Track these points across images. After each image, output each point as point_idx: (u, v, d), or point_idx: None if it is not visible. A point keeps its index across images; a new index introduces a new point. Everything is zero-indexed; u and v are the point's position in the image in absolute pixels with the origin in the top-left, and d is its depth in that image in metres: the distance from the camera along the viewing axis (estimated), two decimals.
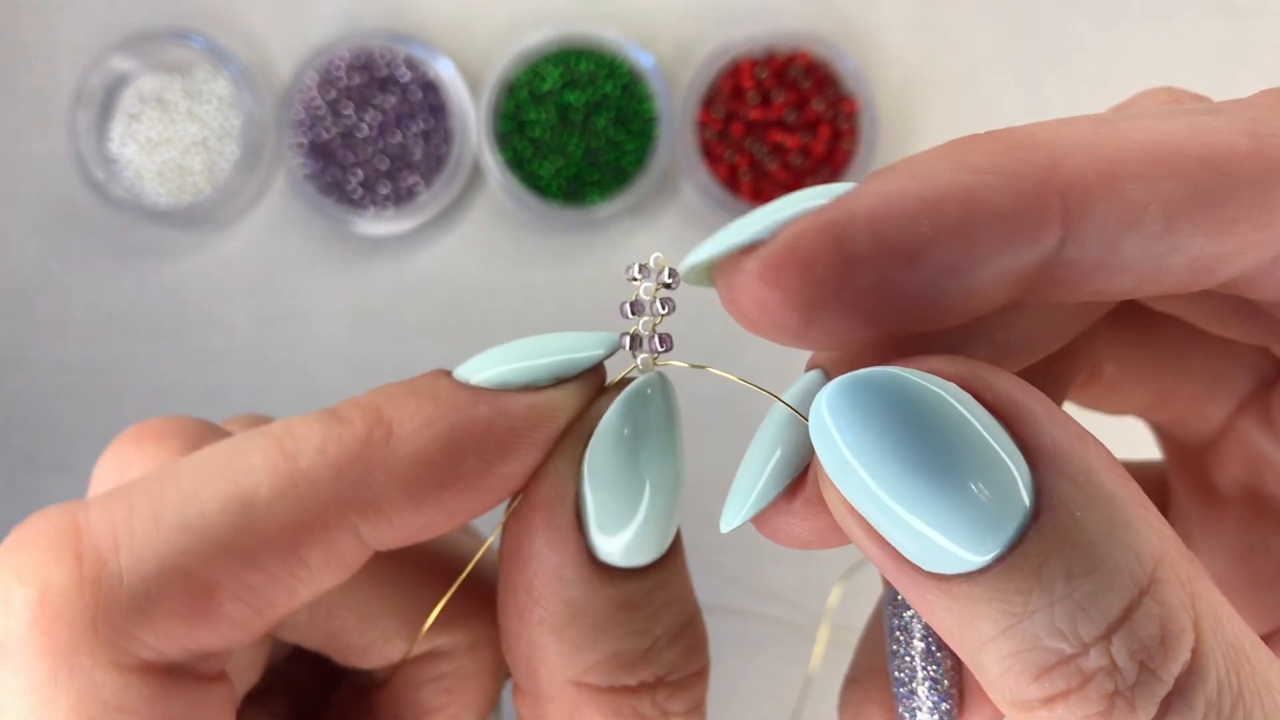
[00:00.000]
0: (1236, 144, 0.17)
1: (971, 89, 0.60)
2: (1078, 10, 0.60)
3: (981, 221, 0.17)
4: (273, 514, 0.19)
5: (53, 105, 0.60)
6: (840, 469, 0.16)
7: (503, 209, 0.60)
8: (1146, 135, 0.17)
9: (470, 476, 0.19)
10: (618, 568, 0.20)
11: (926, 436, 0.16)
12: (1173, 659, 0.15)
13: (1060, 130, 0.17)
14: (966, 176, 0.17)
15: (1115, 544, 0.15)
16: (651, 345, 0.20)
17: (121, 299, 0.60)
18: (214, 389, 0.59)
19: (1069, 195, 0.17)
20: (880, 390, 0.16)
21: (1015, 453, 0.16)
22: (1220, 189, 0.17)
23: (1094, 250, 0.17)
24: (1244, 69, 0.59)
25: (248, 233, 0.60)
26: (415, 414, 0.20)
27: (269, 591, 0.19)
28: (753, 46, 0.58)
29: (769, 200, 0.61)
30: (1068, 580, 0.15)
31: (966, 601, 0.16)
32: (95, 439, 0.61)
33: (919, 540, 0.16)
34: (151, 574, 0.18)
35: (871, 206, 0.17)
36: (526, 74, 0.59)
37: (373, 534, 0.19)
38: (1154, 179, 0.17)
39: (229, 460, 0.19)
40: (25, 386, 0.60)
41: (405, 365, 0.59)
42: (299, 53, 0.60)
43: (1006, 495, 0.16)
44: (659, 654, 0.20)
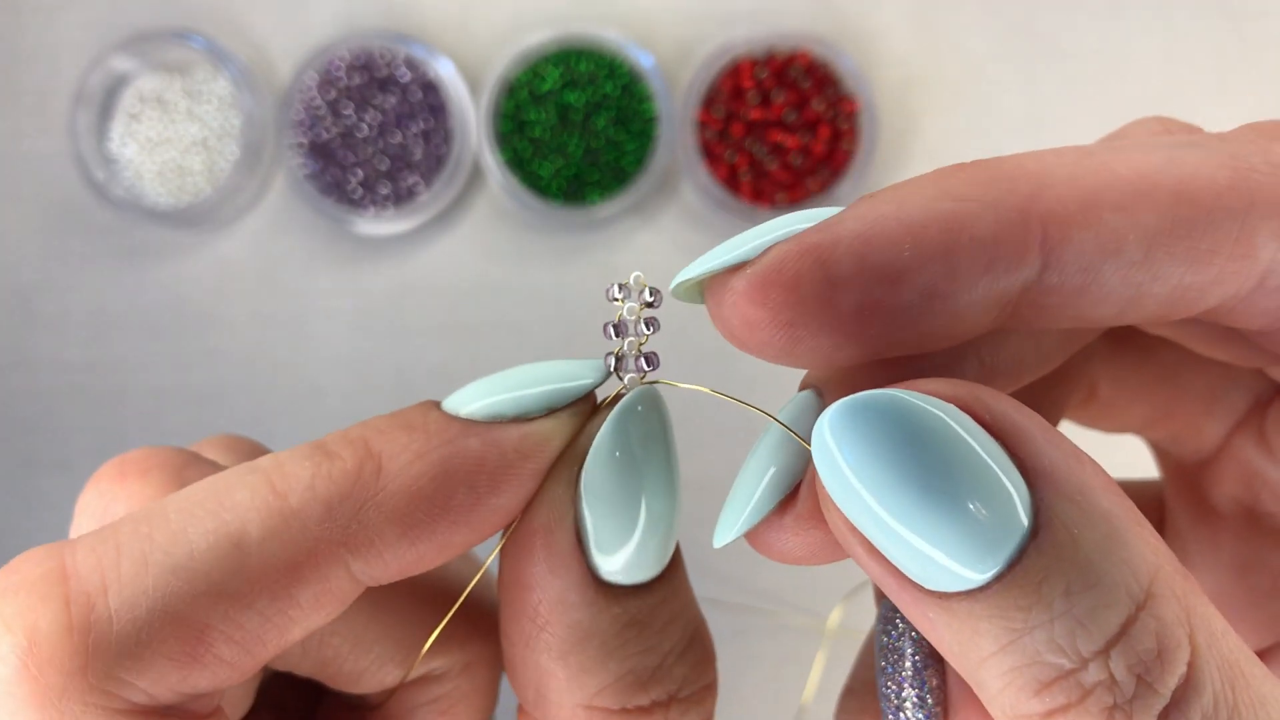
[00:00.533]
0: (1215, 177, 0.17)
1: (971, 89, 0.60)
2: (1078, 10, 0.60)
3: (963, 247, 0.17)
4: (263, 553, 0.18)
5: (53, 105, 0.60)
6: (842, 489, 0.17)
7: (503, 209, 0.60)
8: (1128, 167, 0.18)
9: (462, 509, 0.19)
10: (621, 586, 0.20)
11: (926, 457, 0.16)
12: (1169, 673, 0.16)
13: (1045, 160, 0.18)
14: (950, 203, 0.17)
15: (1112, 561, 0.16)
16: (638, 365, 0.20)
17: (122, 299, 0.60)
18: (214, 389, 0.59)
19: (1050, 223, 0.17)
20: (881, 412, 0.16)
21: (1013, 472, 0.16)
22: (1198, 220, 0.17)
23: (1074, 277, 0.17)
24: (1244, 69, 0.59)
25: (248, 233, 0.60)
26: (406, 448, 0.19)
27: (261, 631, 0.19)
28: (753, 47, 0.58)
29: (769, 200, 0.62)
30: (1066, 597, 0.16)
31: (967, 618, 0.16)
32: (95, 439, 0.61)
33: (919, 559, 0.16)
34: (141, 618, 0.18)
35: (856, 230, 0.17)
36: (527, 74, 0.59)
37: (365, 570, 0.19)
38: (1134, 210, 0.17)
39: (218, 498, 0.19)
40: (25, 386, 0.60)
41: (405, 365, 0.59)
42: (299, 53, 0.60)
43: (1005, 514, 0.16)
44: (669, 670, 0.20)
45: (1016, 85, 0.60)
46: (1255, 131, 0.18)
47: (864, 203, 0.18)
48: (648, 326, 0.20)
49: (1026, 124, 0.59)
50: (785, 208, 0.58)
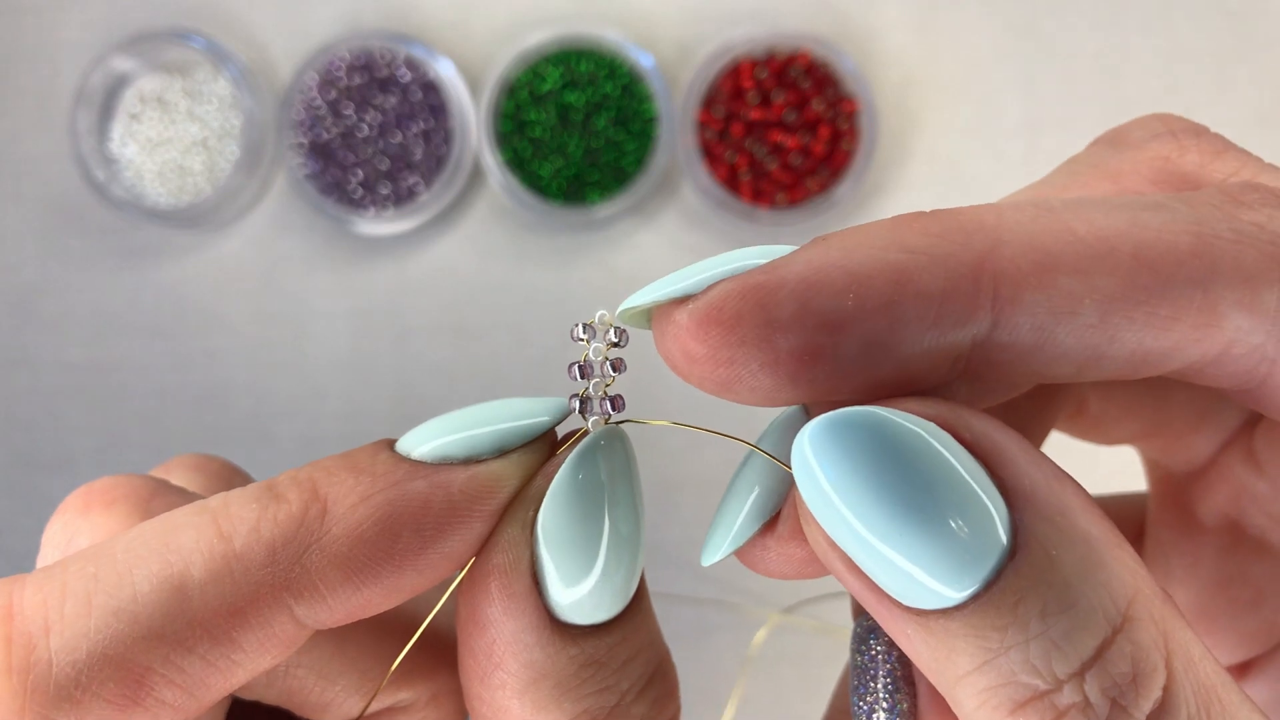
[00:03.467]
0: (1178, 243, 0.17)
1: (971, 89, 0.60)
2: (1078, 10, 0.60)
3: (909, 300, 0.17)
4: (205, 597, 0.18)
5: (53, 105, 0.60)
6: (822, 505, 0.17)
7: (503, 209, 0.60)
8: (1088, 227, 0.17)
9: (408, 554, 0.19)
10: (579, 626, 0.19)
11: (906, 474, 0.16)
12: (1144, 696, 0.16)
13: (1003, 215, 0.18)
14: (900, 255, 0.17)
15: (1090, 583, 0.16)
16: (602, 408, 0.20)
17: (122, 299, 0.60)
18: (214, 388, 0.59)
19: (1001, 282, 0.17)
20: (861, 428, 0.16)
21: (993, 491, 0.16)
22: (1157, 287, 0.17)
23: (1026, 336, 0.17)
24: (1243, 69, 0.59)
25: (248, 233, 0.60)
26: (351, 490, 0.19)
27: (203, 675, 0.19)
28: (753, 47, 0.58)
29: (769, 200, 0.61)
30: (1043, 618, 0.16)
31: (944, 636, 0.16)
32: (95, 438, 0.61)
33: (898, 575, 0.16)
34: (82, 660, 0.18)
35: (800, 275, 0.17)
36: (527, 74, 0.59)
37: (308, 614, 0.19)
38: (1090, 273, 0.17)
39: (163, 539, 0.19)
40: (26, 386, 0.60)
41: (405, 365, 0.59)
42: (299, 53, 0.60)
43: (984, 533, 0.16)
44: (627, 709, 0.20)
45: (1016, 85, 0.60)
46: (1222, 195, 0.18)
47: (814, 246, 0.18)
48: (614, 369, 0.20)
49: (1026, 124, 0.59)
50: (785, 208, 0.58)
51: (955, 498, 0.16)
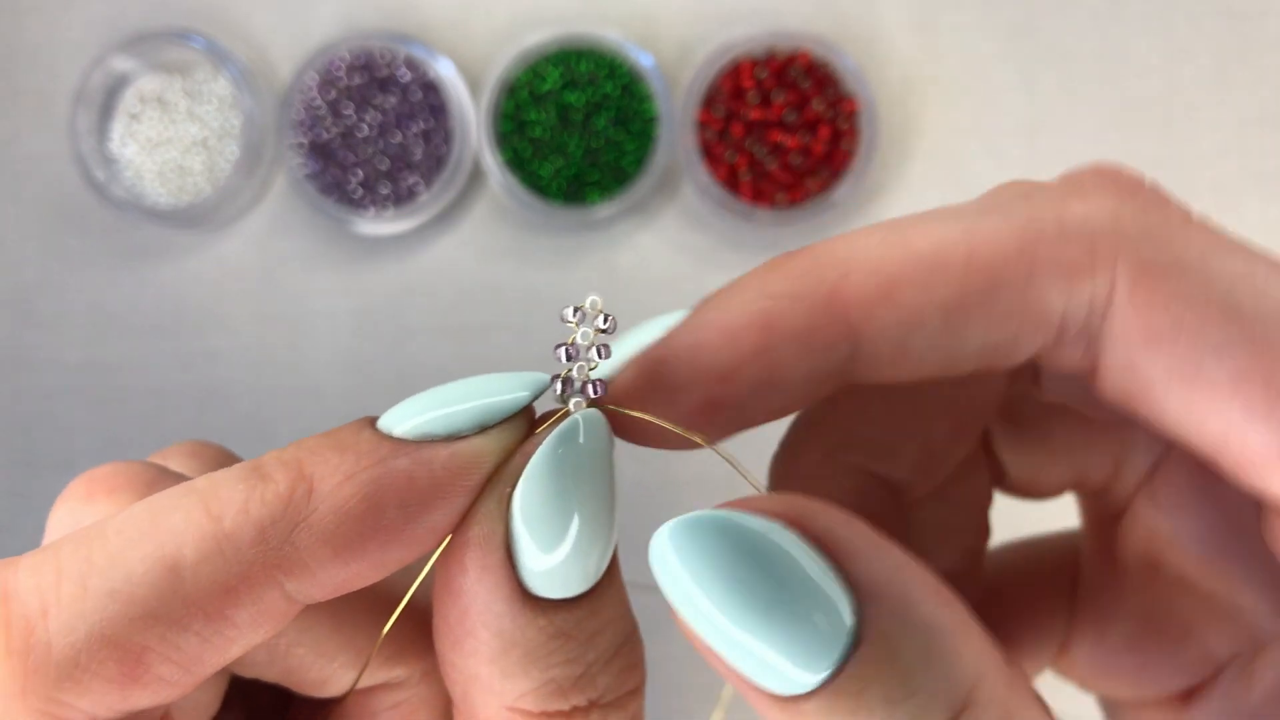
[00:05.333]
0: (1004, 245, 0.19)
1: (972, 89, 0.60)
2: (1078, 11, 0.60)
3: (779, 342, 0.19)
4: (198, 577, 0.19)
5: (53, 105, 0.60)
6: (680, 596, 0.18)
7: (503, 209, 0.60)
8: (927, 242, 0.19)
9: (394, 529, 0.20)
10: (550, 599, 0.20)
11: (754, 570, 0.18)
12: None
13: (854, 244, 0.19)
14: (765, 302, 0.19)
15: (931, 672, 0.17)
16: (584, 391, 0.21)
17: (122, 299, 0.60)
18: (214, 389, 0.59)
19: (853, 308, 0.19)
20: (712, 528, 0.18)
21: (837, 585, 0.18)
22: (987, 289, 0.19)
23: (885, 349, 0.19)
24: (1244, 70, 0.59)
25: (248, 233, 0.60)
26: (337, 469, 0.20)
27: (199, 652, 0.19)
28: (753, 46, 0.58)
29: (769, 200, 0.61)
30: (886, 705, 0.17)
31: None
32: (96, 438, 0.61)
33: (752, 663, 0.18)
34: (80, 641, 0.18)
35: (685, 342, 0.20)
36: (527, 74, 0.59)
37: (299, 590, 0.20)
38: (929, 286, 0.19)
39: (154, 521, 0.19)
40: (25, 386, 0.60)
41: (405, 365, 0.59)
42: (299, 53, 0.60)
43: (829, 624, 0.17)
44: (593, 679, 0.20)
45: (1017, 85, 0.60)
46: (1066, 185, 0.20)
47: (696, 311, 0.20)
48: (599, 353, 0.20)
49: (1026, 124, 0.59)
50: (785, 208, 0.58)
51: (801, 591, 0.17)
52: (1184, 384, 0.18)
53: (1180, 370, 0.18)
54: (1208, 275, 0.18)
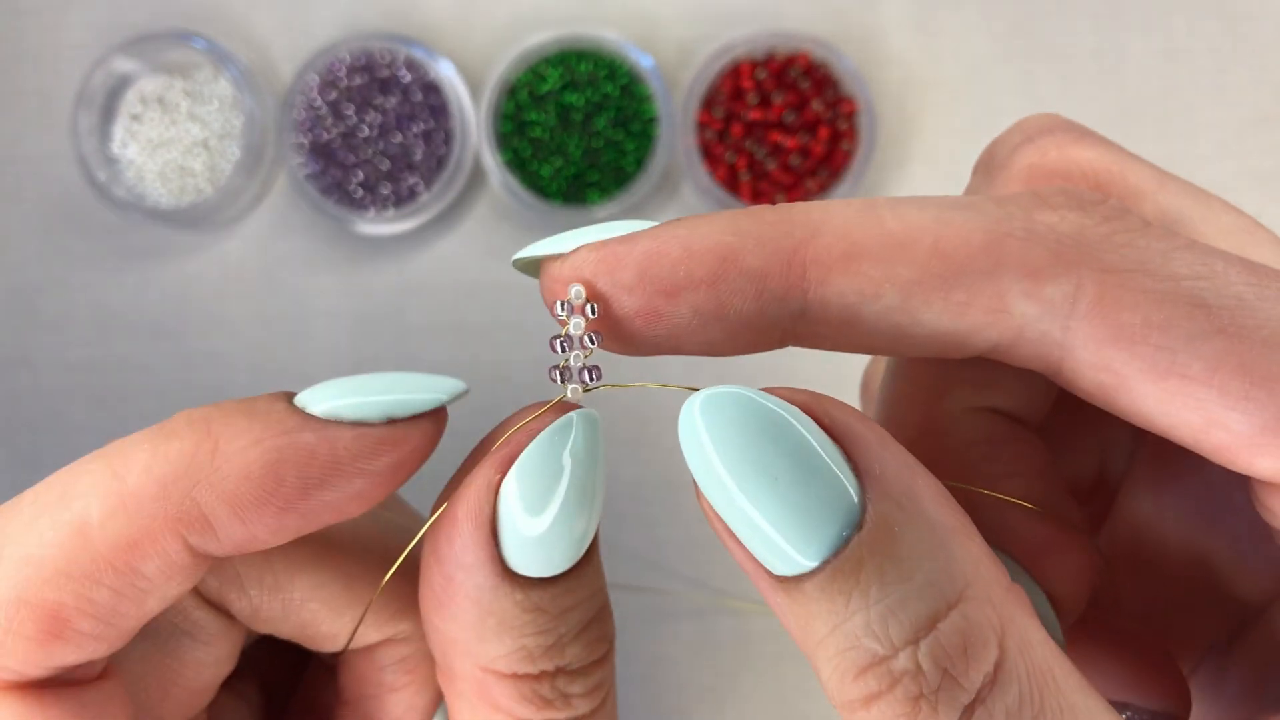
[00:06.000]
0: (971, 239, 0.19)
1: (970, 90, 0.60)
2: (1076, 11, 0.60)
3: (733, 275, 0.20)
4: (105, 534, 0.20)
5: (55, 106, 0.60)
6: (703, 466, 0.19)
7: (503, 210, 0.60)
8: (898, 222, 0.20)
9: (290, 497, 0.21)
10: (528, 577, 0.21)
11: (770, 445, 0.18)
12: (974, 668, 0.17)
13: (829, 210, 0.20)
14: (730, 237, 0.20)
15: (928, 561, 0.18)
16: (581, 378, 0.22)
17: (123, 299, 0.60)
18: (215, 389, 0.60)
19: (812, 267, 0.20)
20: (738, 402, 0.19)
21: (847, 470, 0.18)
22: (949, 276, 0.19)
23: (836, 315, 0.20)
24: (1242, 70, 0.60)
25: (249, 233, 0.60)
26: (244, 432, 0.21)
27: (115, 604, 0.21)
28: (752, 47, 0.58)
29: (769, 201, 0.62)
30: (882, 586, 0.17)
31: (803, 602, 0.18)
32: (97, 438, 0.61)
33: (763, 540, 0.18)
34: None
35: (645, 247, 0.20)
36: (527, 75, 0.59)
37: (201, 543, 0.21)
38: (891, 262, 0.19)
39: (64, 487, 0.21)
40: (27, 386, 0.60)
41: (406, 365, 0.59)
42: (300, 54, 0.60)
43: (835, 504, 0.18)
44: (562, 649, 0.22)
45: (1015, 86, 0.60)
46: (1032, 197, 0.20)
47: (666, 225, 0.21)
48: (592, 341, 0.21)
49: None
50: None
51: (810, 470, 0.18)
52: (1158, 377, 0.18)
53: (1153, 365, 0.18)
54: (1172, 273, 0.19)
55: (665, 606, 0.57)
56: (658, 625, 0.57)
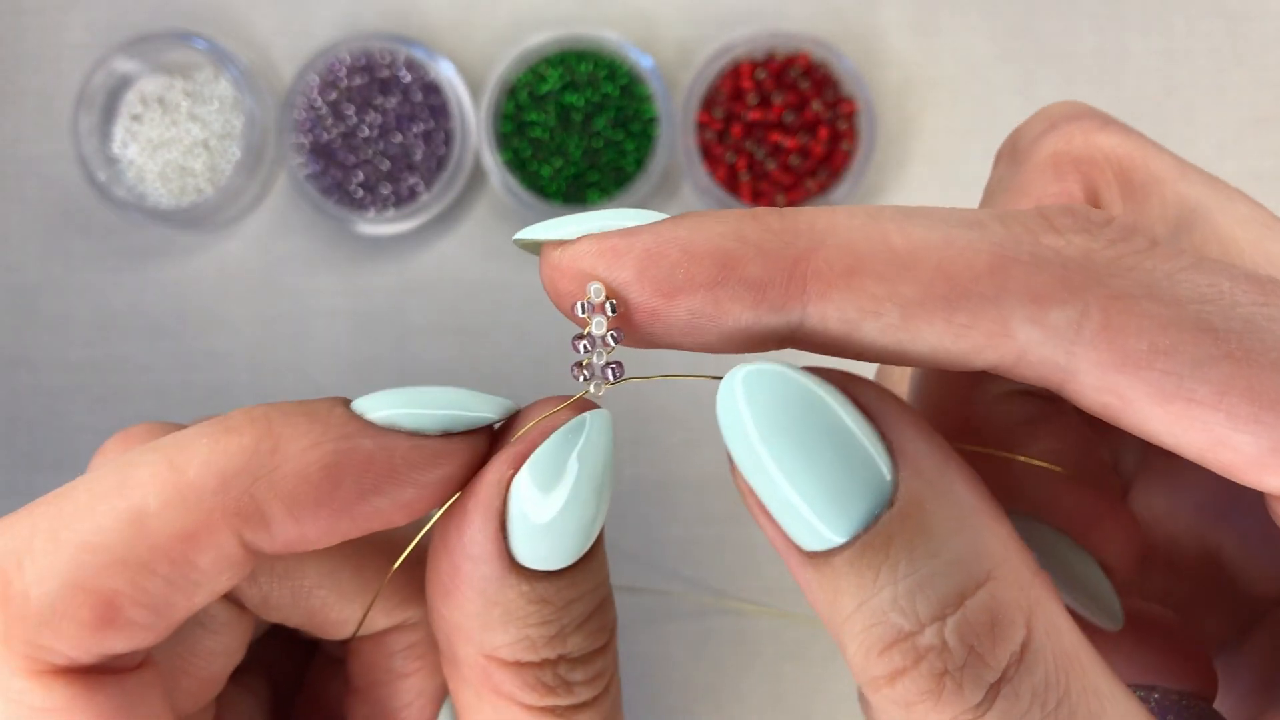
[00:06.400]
0: (976, 261, 0.19)
1: (970, 90, 0.60)
2: (1076, 12, 0.60)
3: (731, 284, 0.20)
4: (162, 524, 0.20)
5: (55, 107, 0.60)
6: (739, 438, 0.19)
7: (503, 210, 0.60)
8: (902, 239, 0.20)
9: (345, 501, 0.21)
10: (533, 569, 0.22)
11: (808, 422, 0.19)
12: (1000, 647, 0.17)
13: (835, 221, 0.20)
14: (733, 244, 0.20)
15: (958, 539, 0.18)
16: (604, 375, 0.22)
17: (124, 299, 0.60)
18: (215, 389, 0.60)
19: (813, 280, 0.19)
20: (778, 379, 0.19)
21: (880, 447, 0.19)
22: (954, 298, 0.19)
23: (836, 328, 0.20)
24: (1241, 70, 0.60)
25: (249, 233, 0.60)
26: (305, 434, 0.21)
27: (166, 595, 0.21)
28: (752, 48, 0.58)
29: (769, 201, 0.62)
30: (911, 561, 0.18)
31: (831, 577, 0.18)
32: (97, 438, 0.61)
33: (795, 515, 0.19)
34: (54, 589, 0.20)
35: (644, 245, 0.20)
36: (527, 75, 0.59)
37: (254, 539, 0.21)
38: (894, 280, 0.19)
39: (121, 476, 0.21)
40: (28, 386, 0.60)
41: (406, 365, 0.60)
42: (300, 54, 0.60)
43: (868, 481, 0.18)
44: (564, 639, 0.22)
45: (1015, 86, 0.60)
46: (1038, 218, 0.20)
47: (669, 221, 0.20)
48: (614, 339, 0.21)
49: None
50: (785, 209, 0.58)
51: (845, 447, 0.19)
52: (1164, 401, 0.18)
53: (1160, 390, 0.18)
54: (1177, 297, 0.19)
55: (665, 606, 0.57)
56: (658, 625, 0.57)
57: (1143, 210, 0.25)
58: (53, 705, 0.20)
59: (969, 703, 0.17)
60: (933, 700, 0.17)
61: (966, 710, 0.17)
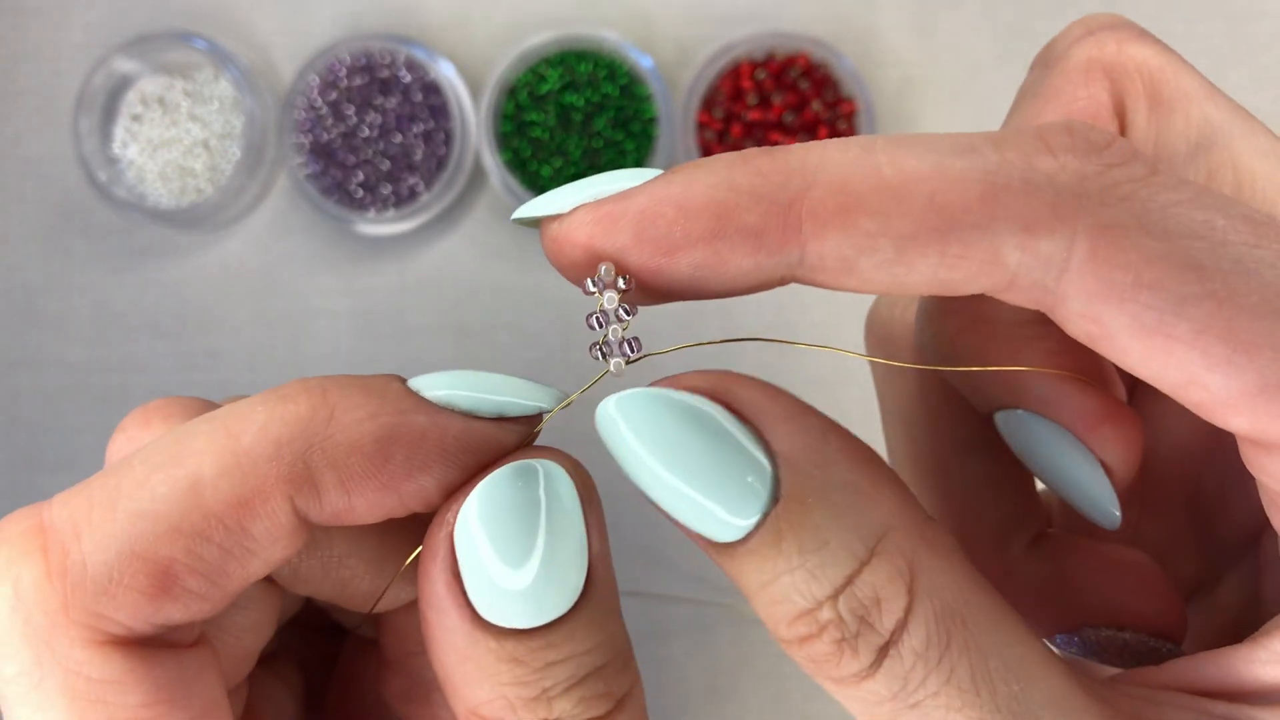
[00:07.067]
0: (968, 190, 0.19)
1: (969, 90, 0.60)
2: (1075, 12, 0.60)
3: (729, 234, 0.20)
4: (217, 491, 0.20)
5: (56, 107, 0.60)
6: (630, 459, 0.20)
7: (503, 210, 0.60)
8: (894, 170, 0.20)
9: (396, 475, 0.21)
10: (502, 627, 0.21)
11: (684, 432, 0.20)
12: (887, 615, 0.19)
13: (826, 157, 0.20)
14: (725, 193, 0.20)
15: (838, 526, 0.20)
16: (622, 350, 0.22)
17: (124, 299, 0.60)
18: (216, 389, 0.60)
19: (807, 222, 0.20)
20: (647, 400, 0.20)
21: (759, 449, 0.20)
22: (946, 229, 0.19)
23: (833, 265, 0.20)
24: (1240, 71, 0.60)
25: (249, 233, 0.60)
26: (360, 405, 0.21)
27: (222, 563, 0.21)
28: (752, 48, 0.58)
29: None
30: (800, 553, 0.19)
31: (736, 564, 0.20)
32: (98, 438, 0.61)
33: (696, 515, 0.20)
34: (112, 558, 0.20)
35: (639, 207, 0.21)
36: (527, 75, 0.59)
37: (305, 508, 0.21)
38: (887, 215, 0.19)
39: (177, 446, 0.21)
40: (28, 386, 0.60)
41: (406, 365, 0.60)
42: (300, 54, 0.60)
43: (752, 482, 0.20)
44: (548, 702, 0.21)
45: (1014, 86, 0.60)
46: (1035, 139, 0.20)
47: (661, 179, 0.21)
48: (628, 313, 0.21)
49: None
50: None
51: (726, 453, 0.20)
52: (1144, 335, 0.19)
53: (1140, 322, 0.19)
54: (1168, 230, 0.19)
55: (665, 607, 0.57)
56: (658, 625, 0.57)
57: (1166, 125, 0.25)
58: (110, 676, 0.20)
59: (863, 665, 0.19)
60: (835, 662, 0.20)
61: (862, 670, 0.20)
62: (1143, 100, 0.25)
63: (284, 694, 0.29)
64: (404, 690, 0.28)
